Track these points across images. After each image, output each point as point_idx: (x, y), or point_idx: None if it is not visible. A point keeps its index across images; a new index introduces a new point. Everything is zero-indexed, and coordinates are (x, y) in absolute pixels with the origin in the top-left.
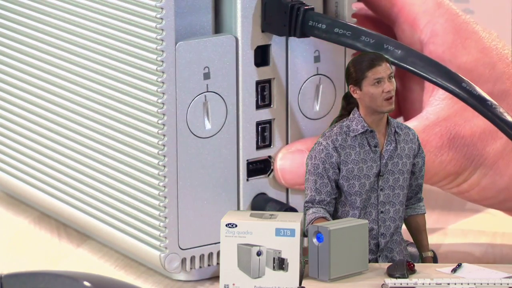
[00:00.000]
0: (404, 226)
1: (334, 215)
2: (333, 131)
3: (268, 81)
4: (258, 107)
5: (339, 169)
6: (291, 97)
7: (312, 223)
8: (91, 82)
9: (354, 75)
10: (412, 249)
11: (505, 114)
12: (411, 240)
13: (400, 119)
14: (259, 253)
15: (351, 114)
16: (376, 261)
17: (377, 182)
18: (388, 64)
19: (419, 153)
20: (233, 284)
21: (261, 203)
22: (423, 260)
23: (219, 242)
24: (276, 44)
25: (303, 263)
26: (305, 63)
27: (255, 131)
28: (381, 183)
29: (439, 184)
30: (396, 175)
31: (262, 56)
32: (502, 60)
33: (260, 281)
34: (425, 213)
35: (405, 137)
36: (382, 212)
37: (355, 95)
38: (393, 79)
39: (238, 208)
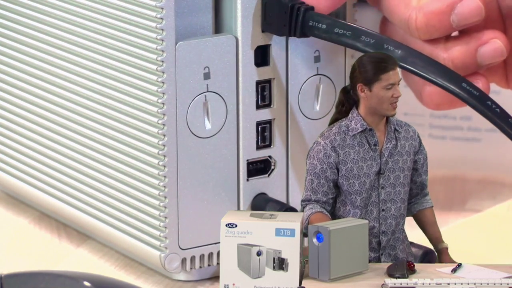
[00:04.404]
0: (405, 227)
1: (336, 214)
2: (331, 131)
3: (268, 81)
4: (258, 107)
5: (337, 169)
6: (291, 97)
7: (309, 218)
8: (91, 82)
9: (366, 75)
10: (413, 249)
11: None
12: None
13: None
14: (259, 253)
15: (349, 114)
16: (379, 259)
17: (378, 180)
18: (398, 69)
19: (420, 150)
20: (233, 284)
21: (261, 203)
22: (439, 252)
23: (219, 242)
24: (276, 44)
25: (303, 263)
26: (305, 63)
27: (255, 131)
28: (382, 181)
29: None
30: (396, 173)
31: (262, 56)
32: None
33: (260, 281)
34: (432, 206)
35: (405, 134)
36: (383, 210)
37: (361, 94)
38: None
39: (238, 208)
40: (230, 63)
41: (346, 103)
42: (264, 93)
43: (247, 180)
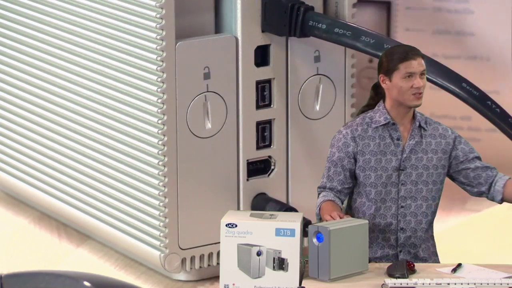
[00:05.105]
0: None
1: (352, 206)
2: (355, 121)
3: (268, 81)
4: (258, 107)
5: (355, 159)
6: (291, 97)
7: (320, 205)
8: (91, 82)
9: (386, 64)
10: None
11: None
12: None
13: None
14: (259, 253)
15: (376, 106)
16: (397, 256)
17: (398, 177)
18: (422, 61)
19: (455, 145)
20: (233, 284)
21: (261, 203)
22: None
23: (219, 242)
24: (276, 44)
25: (303, 263)
26: (305, 63)
27: (255, 131)
28: (402, 178)
29: None
30: (419, 170)
31: (262, 56)
32: None
33: (260, 281)
34: (510, 177)
35: (433, 131)
36: (402, 207)
37: (383, 85)
38: (424, 77)
39: (238, 208)
40: (230, 63)
41: (375, 97)
42: (264, 93)
43: (247, 180)
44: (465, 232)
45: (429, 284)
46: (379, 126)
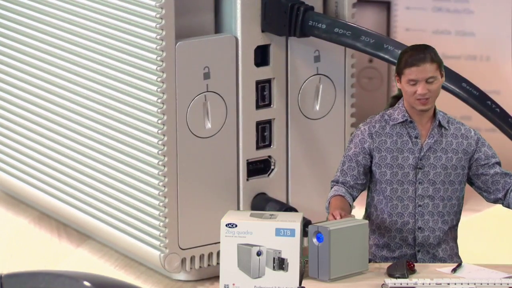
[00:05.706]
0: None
1: (370, 204)
2: (374, 118)
3: (268, 81)
4: (258, 107)
5: (371, 155)
6: (291, 97)
7: (330, 200)
8: (91, 82)
9: (397, 66)
10: None
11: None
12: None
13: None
14: (259, 253)
15: (396, 104)
16: (415, 256)
17: (416, 175)
18: (432, 66)
19: (478, 146)
20: (233, 284)
21: (261, 203)
22: None
23: (219, 242)
24: (276, 44)
25: (303, 263)
26: (305, 63)
27: (255, 131)
28: (420, 176)
29: None
30: (438, 170)
31: (262, 56)
32: None
33: (260, 281)
34: None
35: (455, 131)
36: (420, 205)
37: (397, 85)
38: (434, 82)
39: (238, 208)
40: (230, 63)
41: (399, 94)
42: (264, 93)
43: (247, 180)
44: (465, 232)
45: (429, 284)
46: (396, 123)
